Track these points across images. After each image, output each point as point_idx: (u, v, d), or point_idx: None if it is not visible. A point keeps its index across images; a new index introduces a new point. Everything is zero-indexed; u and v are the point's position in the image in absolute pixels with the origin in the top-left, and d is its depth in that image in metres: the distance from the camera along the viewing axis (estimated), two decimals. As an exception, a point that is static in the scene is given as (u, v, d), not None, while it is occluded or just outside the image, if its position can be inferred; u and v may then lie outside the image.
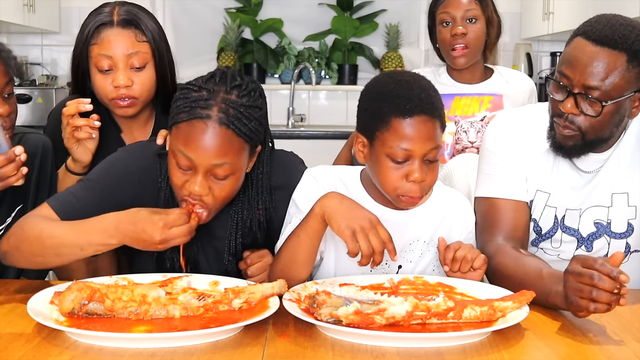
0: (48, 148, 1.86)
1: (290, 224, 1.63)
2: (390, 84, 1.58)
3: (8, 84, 1.68)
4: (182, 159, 1.50)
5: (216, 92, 1.50)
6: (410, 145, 1.52)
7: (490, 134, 1.80)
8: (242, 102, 1.51)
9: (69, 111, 1.82)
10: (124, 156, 1.67)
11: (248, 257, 1.67)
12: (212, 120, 1.47)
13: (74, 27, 4.57)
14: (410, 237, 1.67)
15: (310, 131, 4.37)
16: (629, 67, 1.54)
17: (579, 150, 1.65)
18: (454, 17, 2.46)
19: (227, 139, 1.48)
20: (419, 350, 1.27)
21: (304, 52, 4.82)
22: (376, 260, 1.46)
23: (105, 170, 1.65)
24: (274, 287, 1.45)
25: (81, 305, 1.36)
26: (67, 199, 1.60)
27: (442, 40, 2.49)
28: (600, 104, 1.55)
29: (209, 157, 1.48)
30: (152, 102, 1.99)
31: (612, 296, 1.32)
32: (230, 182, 1.53)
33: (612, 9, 3.19)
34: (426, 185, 1.57)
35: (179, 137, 1.50)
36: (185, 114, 1.49)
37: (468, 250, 1.58)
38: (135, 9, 1.93)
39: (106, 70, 1.88)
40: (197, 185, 1.50)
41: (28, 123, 3.95)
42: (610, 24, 1.57)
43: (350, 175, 1.70)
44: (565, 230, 1.75)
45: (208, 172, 1.50)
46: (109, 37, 1.87)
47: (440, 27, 2.50)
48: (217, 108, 1.48)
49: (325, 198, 1.52)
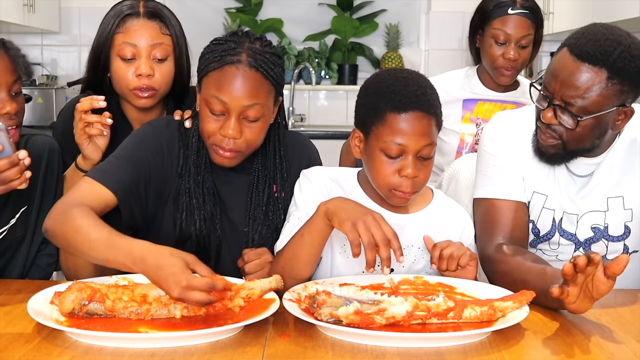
0: (54, 150, 1.86)
1: (288, 223, 1.64)
2: (388, 79, 1.59)
3: (16, 82, 1.68)
4: (216, 104, 1.59)
5: (242, 42, 1.62)
6: (404, 140, 1.53)
7: (487, 135, 1.80)
8: (266, 50, 1.63)
9: (83, 107, 1.84)
10: (151, 130, 1.74)
11: (246, 255, 1.68)
12: (243, 64, 1.59)
13: (74, 27, 4.56)
14: (405, 241, 1.65)
15: (310, 131, 4.37)
16: (608, 84, 1.53)
17: (561, 158, 1.66)
18: (510, 39, 2.44)
19: (258, 81, 1.59)
20: (419, 350, 1.27)
21: (304, 52, 4.82)
22: (382, 255, 1.41)
23: (136, 143, 1.71)
24: (271, 282, 1.46)
25: (81, 305, 1.36)
26: (107, 169, 1.65)
27: (490, 54, 2.49)
28: (576, 118, 1.56)
29: (242, 99, 1.58)
30: (164, 99, 2.01)
31: (568, 264, 1.31)
32: (259, 125, 1.63)
33: (612, 9, 3.19)
34: (419, 182, 1.57)
35: (211, 84, 1.60)
36: (216, 62, 1.60)
37: (456, 248, 1.58)
38: (159, 5, 1.98)
39: (129, 59, 1.91)
40: (231, 129, 1.59)
41: (28, 123, 3.95)
42: (596, 38, 1.55)
43: (347, 176, 1.70)
44: (562, 234, 1.75)
45: (240, 114, 1.60)
46: (134, 27, 1.92)
47: (491, 41, 2.48)
48: (245, 54, 1.60)
49: (331, 199, 1.52)
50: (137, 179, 1.66)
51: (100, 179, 1.62)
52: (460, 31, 4.72)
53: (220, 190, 1.72)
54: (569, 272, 1.31)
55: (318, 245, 1.54)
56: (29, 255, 1.82)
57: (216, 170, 1.72)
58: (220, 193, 1.72)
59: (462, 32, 4.71)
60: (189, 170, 1.70)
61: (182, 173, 1.70)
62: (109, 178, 1.62)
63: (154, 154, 1.69)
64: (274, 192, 1.74)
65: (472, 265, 1.58)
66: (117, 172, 1.64)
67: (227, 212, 1.73)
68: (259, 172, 1.74)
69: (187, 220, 1.69)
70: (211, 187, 1.71)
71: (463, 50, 4.73)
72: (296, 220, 1.62)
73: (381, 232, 1.42)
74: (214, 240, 1.71)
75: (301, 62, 4.73)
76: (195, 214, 1.69)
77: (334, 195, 1.61)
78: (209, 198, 1.70)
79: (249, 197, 1.73)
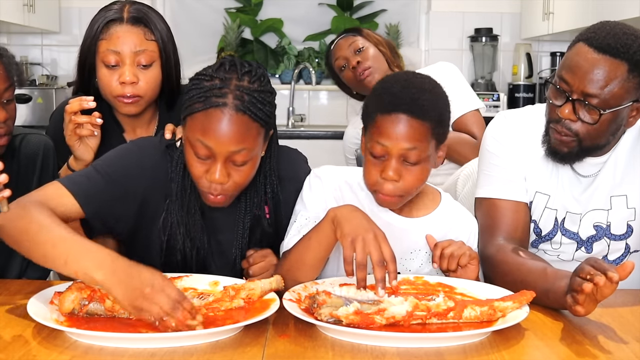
0: (49, 148, 1.86)
1: (295, 222, 1.63)
2: (390, 81, 1.59)
3: (8, 89, 1.68)
4: (200, 149, 1.50)
5: (228, 79, 1.51)
6: (387, 141, 1.52)
7: (489, 135, 1.80)
8: (255, 87, 1.52)
9: (72, 108, 1.83)
10: (137, 150, 1.66)
11: (251, 257, 1.67)
12: (229, 108, 1.48)
13: (74, 27, 4.57)
14: (411, 245, 1.66)
15: (310, 131, 4.37)
16: (629, 77, 1.53)
17: (574, 156, 1.65)
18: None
19: (244, 125, 1.49)
20: (419, 350, 1.27)
21: (304, 52, 4.82)
22: (376, 275, 1.39)
23: (118, 160, 1.63)
24: (271, 282, 1.46)
25: (81, 305, 1.36)
26: (79, 180, 1.59)
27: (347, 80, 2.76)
28: (598, 111, 1.55)
29: (228, 144, 1.49)
30: (155, 101, 1.99)
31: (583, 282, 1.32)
32: (248, 167, 1.54)
33: (612, 9, 3.20)
34: (403, 187, 1.55)
35: (196, 127, 1.50)
36: (201, 103, 1.49)
37: (457, 247, 1.58)
38: (145, 8, 1.94)
39: (113, 65, 1.88)
40: (217, 174, 1.50)
41: (28, 123, 3.95)
42: (614, 32, 1.55)
43: (357, 177, 1.69)
44: (565, 233, 1.75)
45: (227, 159, 1.51)
46: (117, 33, 1.88)
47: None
48: (232, 95, 1.49)
49: (341, 206, 1.52)
50: (111, 195, 1.57)
51: (70, 188, 1.55)
52: (460, 31, 4.73)
53: (207, 212, 1.65)
54: (589, 291, 1.32)
55: (324, 251, 1.53)
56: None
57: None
58: (207, 215, 1.65)
59: (462, 32, 4.73)
60: (175, 193, 1.63)
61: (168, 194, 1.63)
62: (79, 189, 1.55)
63: (134, 173, 1.61)
64: (266, 214, 1.69)
65: (473, 265, 1.58)
66: (89, 185, 1.57)
67: (217, 234, 1.68)
68: (249, 193, 1.67)
69: (173, 242, 1.64)
70: (198, 208, 1.64)
71: (463, 50, 4.74)
72: (303, 220, 1.61)
73: (379, 252, 1.41)
74: (199, 261, 1.67)
75: (301, 62, 4.73)
76: (181, 234, 1.63)
77: (344, 198, 1.61)
78: (195, 219, 1.63)
79: (238, 218, 1.67)
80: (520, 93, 4.57)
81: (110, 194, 1.58)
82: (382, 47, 2.71)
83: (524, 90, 4.57)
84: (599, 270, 1.32)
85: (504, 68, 4.76)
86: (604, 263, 1.33)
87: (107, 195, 1.57)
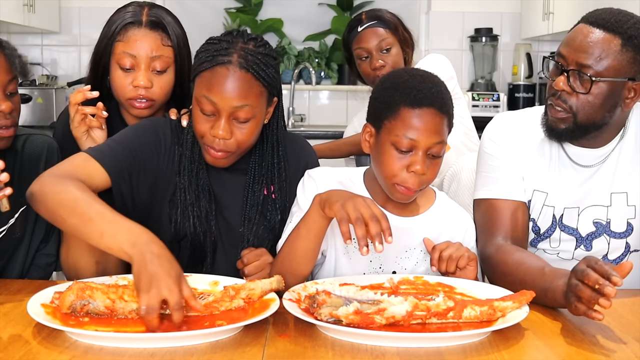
0: (53, 149, 1.86)
1: (291, 223, 1.64)
2: (405, 76, 1.61)
3: (11, 81, 1.68)
4: (206, 104, 1.59)
5: (235, 42, 1.61)
6: (417, 135, 1.54)
7: (487, 136, 1.81)
8: (259, 50, 1.62)
9: (76, 99, 1.85)
10: (152, 127, 1.73)
11: (245, 256, 1.68)
12: (233, 65, 1.58)
13: (74, 27, 4.56)
14: (407, 243, 1.66)
15: (310, 131, 4.36)
16: (622, 50, 1.58)
17: (571, 133, 1.66)
18: (370, 51, 2.73)
19: (247, 82, 1.58)
20: (419, 350, 1.27)
21: (304, 52, 4.82)
22: (371, 230, 1.38)
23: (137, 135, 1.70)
24: (272, 282, 1.46)
25: (81, 305, 1.36)
26: (104, 149, 1.65)
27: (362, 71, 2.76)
28: (590, 80, 1.58)
29: (232, 100, 1.58)
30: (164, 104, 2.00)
31: (592, 293, 1.32)
32: (250, 126, 1.62)
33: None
34: (425, 180, 1.57)
35: (203, 84, 1.60)
36: (208, 62, 1.60)
37: (455, 249, 1.59)
38: (163, 13, 1.94)
39: (127, 68, 1.89)
40: (221, 129, 1.59)
41: (28, 123, 3.95)
42: (610, 11, 1.63)
43: (353, 177, 1.70)
44: (563, 229, 1.75)
45: (230, 115, 1.59)
46: (135, 36, 1.89)
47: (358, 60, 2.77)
48: (236, 55, 1.59)
49: (324, 191, 1.52)
50: (131, 166, 1.65)
51: (97, 157, 1.61)
52: (460, 31, 4.73)
53: (215, 189, 1.72)
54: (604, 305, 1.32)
55: (314, 238, 1.53)
56: (28, 255, 1.83)
57: (211, 170, 1.72)
58: (216, 192, 1.72)
59: (462, 32, 4.73)
60: (184, 168, 1.70)
61: (178, 170, 1.70)
62: (105, 157, 1.62)
63: (152, 147, 1.69)
64: (271, 193, 1.74)
65: (472, 266, 1.58)
66: (113, 154, 1.63)
67: (223, 211, 1.73)
68: (255, 172, 1.73)
69: (182, 217, 1.68)
70: (206, 185, 1.70)
71: (463, 50, 4.74)
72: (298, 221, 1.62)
73: (370, 210, 1.41)
74: (209, 239, 1.71)
75: (301, 62, 4.73)
76: (189, 210, 1.68)
77: None
78: (203, 195, 1.70)
79: (244, 197, 1.73)
80: (520, 93, 4.58)
81: (132, 165, 1.65)
82: (406, 47, 2.73)
83: (524, 90, 4.58)
84: (600, 274, 1.31)
85: (504, 68, 4.76)
86: (604, 264, 1.33)
87: (129, 166, 1.65)
